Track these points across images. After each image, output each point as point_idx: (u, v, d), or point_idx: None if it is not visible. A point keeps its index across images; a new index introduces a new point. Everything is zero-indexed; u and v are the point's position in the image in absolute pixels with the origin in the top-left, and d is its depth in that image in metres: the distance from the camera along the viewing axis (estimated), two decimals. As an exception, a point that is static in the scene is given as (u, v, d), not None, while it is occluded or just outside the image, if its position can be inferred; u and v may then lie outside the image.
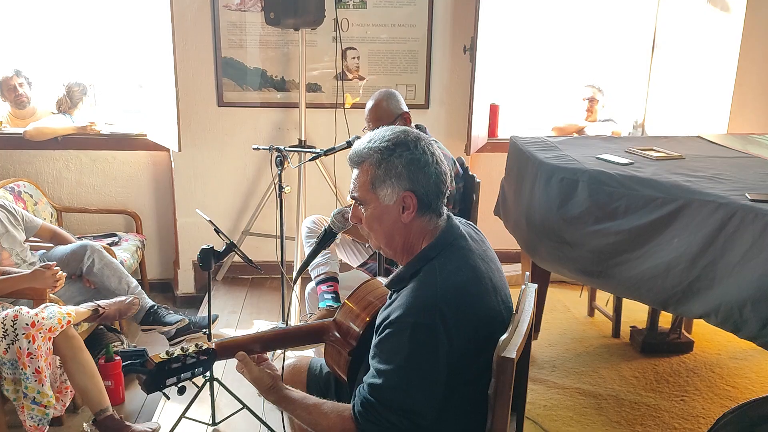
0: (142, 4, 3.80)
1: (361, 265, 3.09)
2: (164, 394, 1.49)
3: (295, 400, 1.56)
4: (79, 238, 3.55)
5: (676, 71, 4.38)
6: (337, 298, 2.81)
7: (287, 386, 1.60)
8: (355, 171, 1.55)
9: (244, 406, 2.70)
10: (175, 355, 1.47)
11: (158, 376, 1.45)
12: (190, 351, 1.49)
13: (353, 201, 1.57)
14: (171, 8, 3.44)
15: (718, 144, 3.20)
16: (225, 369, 2.97)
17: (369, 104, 2.87)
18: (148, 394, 2.93)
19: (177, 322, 3.13)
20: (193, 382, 1.58)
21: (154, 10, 3.62)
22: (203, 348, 1.52)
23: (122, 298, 3.08)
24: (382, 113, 2.80)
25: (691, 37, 4.27)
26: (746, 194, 2.24)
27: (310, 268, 3.00)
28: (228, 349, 1.59)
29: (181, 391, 1.51)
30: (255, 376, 1.57)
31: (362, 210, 1.56)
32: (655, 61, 4.49)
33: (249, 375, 1.58)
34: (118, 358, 3.02)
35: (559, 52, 4.86)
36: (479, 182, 2.91)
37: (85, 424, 2.84)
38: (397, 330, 1.41)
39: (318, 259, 2.95)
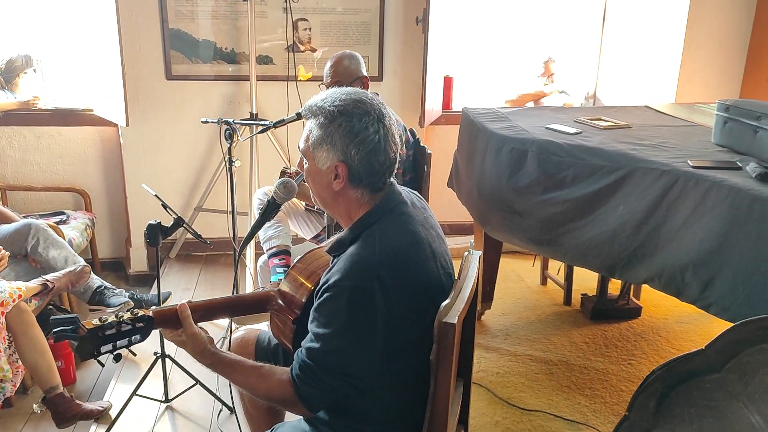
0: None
1: (314, 237, 3.08)
2: (99, 361, 1.47)
3: (231, 362, 1.55)
4: (24, 216, 3.45)
5: (626, 44, 4.44)
6: None
7: (223, 350, 1.58)
8: (306, 124, 1.53)
9: (197, 381, 2.68)
10: (109, 321, 1.44)
11: (91, 343, 1.41)
12: (125, 318, 1.46)
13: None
14: (114, -22, 3.34)
15: (665, 113, 3.26)
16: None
17: (329, 62, 2.84)
18: (82, 361, 2.91)
19: (121, 304, 3.08)
20: (130, 350, 1.55)
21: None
22: (139, 315, 1.49)
23: (71, 268, 3.02)
24: (342, 71, 2.78)
25: (640, 10, 4.32)
26: (688, 161, 2.28)
27: (262, 241, 2.98)
28: (167, 317, 1.55)
29: (117, 358, 1.49)
30: (193, 332, 1.54)
31: (305, 162, 1.55)
32: (606, 34, 4.54)
33: (187, 331, 1.54)
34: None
35: (513, 24, 4.87)
36: (430, 153, 2.91)
37: (35, 405, 2.80)
38: (335, 294, 1.41)
39: (270, 232, 2.93)
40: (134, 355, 2.73)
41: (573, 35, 4.72)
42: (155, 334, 1.65)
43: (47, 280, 2.86)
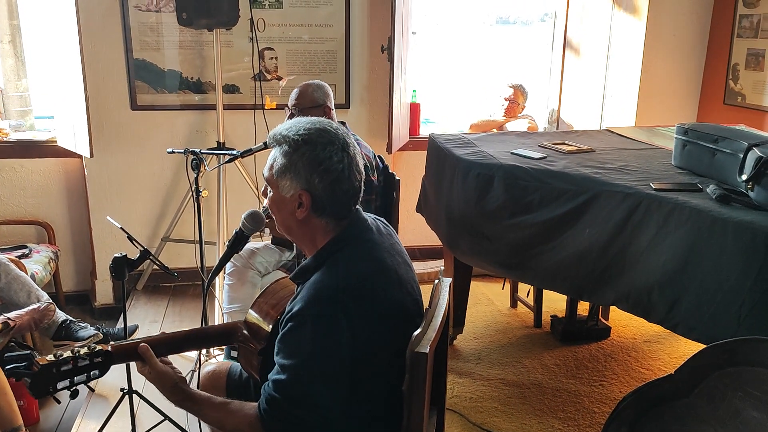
0: (47, 5, 3.63)
1: (282, 266, 3.06)
2: (54, 398, 1.43)
3: (200, 399, 1.53)
4: (-16, 251, 3.37)
5: (587, 69, 4.55)
6: None
7: (191, 387, 1.56)
8: (271, 152, 1.54)
9: (166, 417, 2.62)
10: (64, 357, 1.41)
11: (45, 379, 1.38)
12: (81, 353, 1.43)
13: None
14: (77, 9, 3.32)
15: (626, 137, 3.33)
16: (145, 381, 2.88)
17: (295, 90, 2.88)
18: (36, 398, 2.82)
19: (90, 337, 3.00)
20: (89, 386, 1.51)
21: (60, 12, 3.47)
22: (96, 350, 1.46)
23: (35, 306, 2.94)
24: (306, 98, 2.83)
25: (600, 38, 4.44)
26: (651, 184, 2.33)
27: (226, 302, 3.00)
28: (126, 351, 1.53)
29: (74, 395, 1.45)
30: (159, 371, 1.52)
31: (269, 191, 1.56)
32: (567, 60, 4.65)
33: (153, 370, 1.53)
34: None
35: (479, 50, 4.97)
36: (399, 180, 2.93)
37: (-5, 447, 2.71)
38: (299, 323, 1.40)
39: (234, 306, 2.97)
40: (92, 390, 2.66)
41: (536, 61, 4.82)
42: (121, 369, 1.62)
43: (9, 318, 2.78)
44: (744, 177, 2.15)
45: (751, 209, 2.04)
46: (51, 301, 3.13)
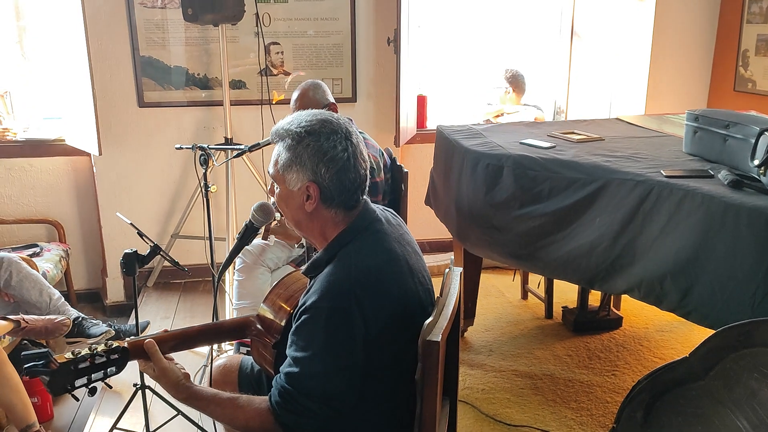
0: (53, 5, 3.64)
1: (292, 261, 3.06)
2: (73, 395, 1.43)
3: (206, 396, 1.52)
4: (-4, 250, 3.38)
5: (594, 58, 4.51)
6: None
7: (198, 385, 1.56)
8: (275, 148, 1.54)
9: (179, 412, 2.62)
10: (82, 354, 1.41)
11: (63, 377, 1.38)
12: (98, 350, 1.43)
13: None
14: (83, 8, 3.32)
15: (636, 125, 3.30)
16: (158, 376, 2.89)
17: (295, 94, 2.90)
18: (54, 396, 2.85)
19: (102, 333, 3.02)
20: (106, 383, 1.51)
21: (66, 11, 3.48)
22: (113, 347, 1.46)
23: (52, 317, 2.96)
24: (308, 102, 2.82)
25: (607, 26, 4.41)
26: (662, 171, 2.31)
27: (236, 298, 3.00)
28: (142, 347, 1.53)
29: (92, 392, 1.45)
30: (163, 367, 1.52)
31: (276, 187, 1.55)
32: (575, 49, 4.62)
33: (157, 366, 1.52)
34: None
35: (484, 41, 4.94)
36: (407, 172, 2.92)
37: (10, 444, 2.72)
38: (313, 316, 1.40)
39: (244, 302, 2.96)
40: (110, 387, 2.67)
41: (543, 51, 4.79)
42: (134, 365, 1.62)
43: (23, 319, 2.80)
44: (756, 162, 2.13)
45: (764, 194, 2.01)
46: (63, 300, 3.15)
